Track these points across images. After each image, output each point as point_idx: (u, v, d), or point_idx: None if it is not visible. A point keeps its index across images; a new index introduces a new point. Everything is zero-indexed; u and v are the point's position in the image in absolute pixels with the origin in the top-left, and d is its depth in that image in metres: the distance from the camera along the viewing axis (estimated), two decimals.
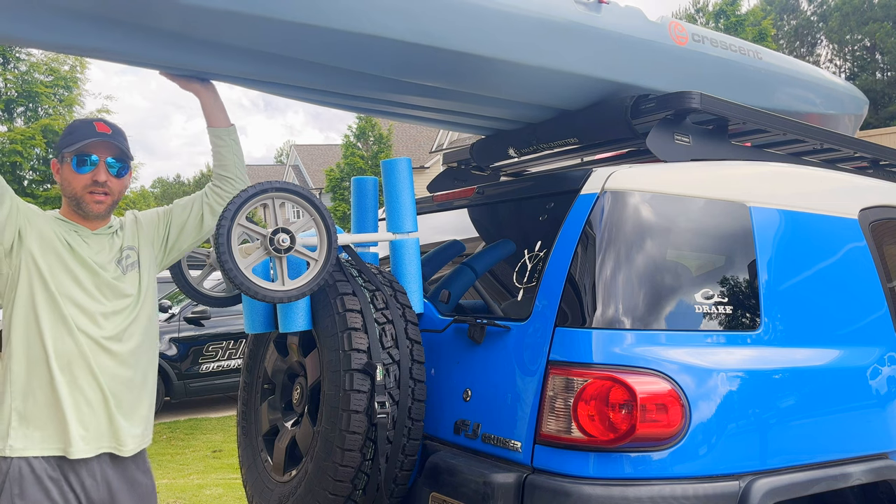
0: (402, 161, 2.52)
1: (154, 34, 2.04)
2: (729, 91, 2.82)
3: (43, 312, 2.06)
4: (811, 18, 35.96)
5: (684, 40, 2.78)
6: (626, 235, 2.13)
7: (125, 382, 2.17)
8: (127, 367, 2.17)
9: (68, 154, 2.15)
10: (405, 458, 2.21)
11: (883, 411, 2.38)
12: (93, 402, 2.10)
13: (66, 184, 2.17)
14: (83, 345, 2.09)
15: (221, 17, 1.99)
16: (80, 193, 2.15)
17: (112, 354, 2.14)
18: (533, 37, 2.38)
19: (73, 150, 2.13)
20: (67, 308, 2.09)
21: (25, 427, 2.05)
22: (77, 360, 2.09)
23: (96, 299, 2.14)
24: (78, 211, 2.18)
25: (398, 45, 2.19)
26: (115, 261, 2.22)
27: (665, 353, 2.02)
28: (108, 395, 2.12)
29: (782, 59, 3.28)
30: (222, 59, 2.23)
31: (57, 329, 2.07)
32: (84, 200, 2.15)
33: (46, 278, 2.08)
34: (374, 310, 2.24)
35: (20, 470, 2.03)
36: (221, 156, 2.41)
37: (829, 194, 2.60)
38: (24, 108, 13.67)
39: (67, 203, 2.19)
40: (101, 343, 2.12)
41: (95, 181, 2.14)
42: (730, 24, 17.88)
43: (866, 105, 3.81)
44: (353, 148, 24.12)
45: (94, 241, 2.19)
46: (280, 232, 2.10)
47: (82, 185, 2.14)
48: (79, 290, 2.12)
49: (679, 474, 1.95)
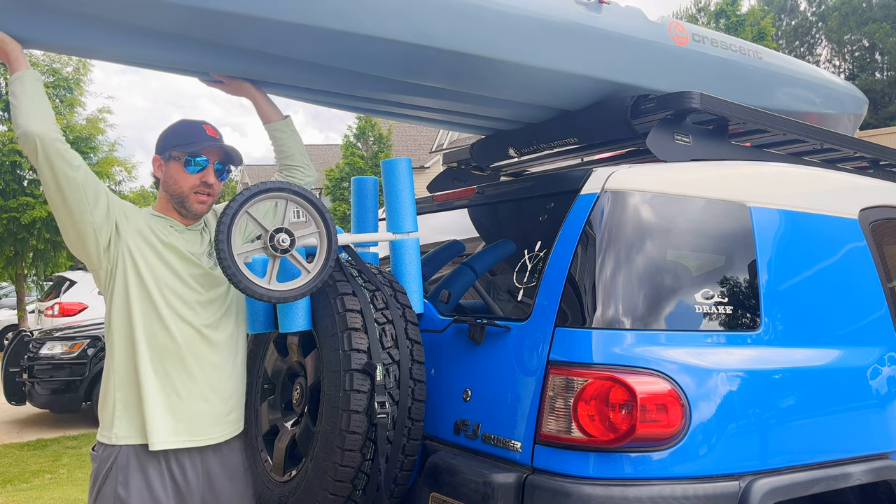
0: (402, 161, 2.52)
1: (184, 39, 2.09)
2: (729, 91, 2.82)
3: (137, 304, 2.13)
4: (810, 18, 35.97)
5: (685, 40, 2.79)
6: (627, 235, 2.13)
7: (220, 369, 2.24)
8: (222, 354, 2.25)
9: (179, 154, 2.22)
10: (405, 458, 2.21)
11: (883, 411, 2.38)
12: (183, 393, 2.16)
13: (172, 182, 2.23)
14: (179, 334, 2.16)
15: (226, 19, 1.99)
16: (187, 193, 2.23)
17: (209, 342, 2.21)
18: (534, 38, 2.38)
19: (188, 151, 2.21)
20: (164, 298, 2.15)
21: (129, 417, 2.12)
22: (170, 352, 2.15)
23: (193, 289, 2.21)
24: (179, 208, 2.26)
25: (400, 47, 2.20)
26: (207, 253, 2.29)
27: (665, 354, 2.02)
28: (203, 384, 2.19)
29: (782, 59, 3.27)
30: (221, 59, 2.24)
31: (151, 320, 2.14)
32: (189, 200, 2.24)
33: (142, 270, 2.14)
34: (374, 310, 2.24)
35: (127, 458, 2.10)
36: (285, 146, 2.48)
37: (829, 194, 2.60)
38: None
39: (168, 199, 2.26)
40: (200, 330, 2.20)
41: (204, 182, 2.24)
42: (730, 24, 17.89)
43: (866, 104, 3.81)
44: (353, 148, 24.11)
45: (189, 235, 2.27)
46: (282, 232, 2.10)
47: (190, 185, 2.23)
48: (176, 280, 2.18)
49: (679, 474, 1.95)
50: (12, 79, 2.03)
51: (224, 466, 2.26)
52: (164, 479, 2.13)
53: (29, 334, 8.06)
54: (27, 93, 2.01)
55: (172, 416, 2.14)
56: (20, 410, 8.68)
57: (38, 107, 2.02)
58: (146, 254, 2.16)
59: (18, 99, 2.00)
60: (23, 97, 2.00)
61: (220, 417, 2.24)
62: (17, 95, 2.01)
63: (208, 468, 2.22)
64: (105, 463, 2.12)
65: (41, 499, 5.25)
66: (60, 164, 2.01)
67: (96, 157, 13.75)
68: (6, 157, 12.76)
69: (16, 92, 2.01)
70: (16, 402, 7.86)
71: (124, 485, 2.09)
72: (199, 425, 2.18)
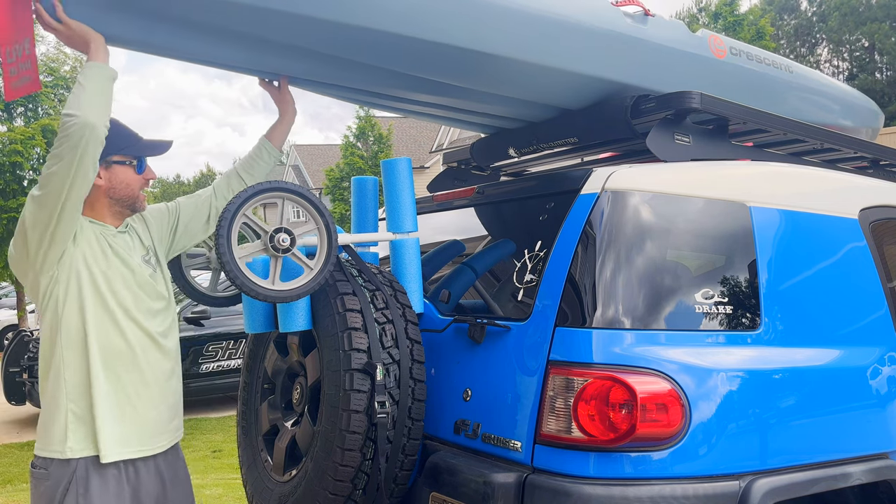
0: (402, 161, 2.52)
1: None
2: (761, 103, 2.90)
3: (91, 311, 2.11)
4: (811, 18, 35.95)
5: (723, 53, 2.88)
6: (627, 235, 2.13)
7: (169, 377, 2.26)
8: (171, 361, 2.28)
9: (126, 157, 2.22)
10: (405, 458, 2.21)
11: (883, 411, 2.38)
12: (135, 401, 2.16)
13: (122, 186, 2.22)
14: (135, 340, 2.16)
15: (256, 14, 2.03)
16: (138, 193, 2.26)
17: (161, 349, 2.23)
18: (586, 47, 2.46)
19: (134, 154, 2.23)
20: (119, 304, 2.15)
21: (83, 428, 2.10)
22: (125, 358, 2.14)
23: (140, 297, 2.21)
24: (126, 210, 2.26)
25: (458, 52, 2.27)
26: (144, 260, 2.29)
27: (665, 353, 2.02)
28: (155, 391, 2.20)
29: (809, 72, 3.42)
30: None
31: (106, 326, 2.13)
32: (139, 199, 2.27)
33: (97, 278, 2.13)
34: (375, 309, 2.24)
35: (85, 469, 2.09)
36: (256, 167, 2.54)
37: (829, 194, 2.60)
38: (24, 108, 13.67)
39: (107, 205, 2.23)
40: (153, 336, 2.21)
41: (148, 180, 2.28)
42: (728, 24, 17.87)
43: (881, 117, 3.88)
44: (353, 148, 24.09)
45: (121, 241, 2.25)
46: (282, 231, 2.10)
47: (140, 185, 2.26)
48: (125, 288, 2.18)
49: (679, 474, 1.95)
50: (89, 64, 2.00)
51: (172, 472, 2.29)
52: (123, 486, 2.14)
53: (29, 334, 8.05)
54: (98, 83, 1.99)
55: (123, 425, 2.13)
56: (20, 410, 8.68)
57: (105, 100, 2.01)
58: (100, 262, 2.15)
59: (89, 85, 1.98)
60: (93, 86, 1.98)
61: (166, 425, 2.26)
62: (90, 81, 1.98)
63: (161, 474, 2.24)
64: (62, 480, 2.08)
65: None
66: (91, 161, 2.00)
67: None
68: (6, 157, 12.75)
69: (90, 76, 1.99)
70: (16, 402, 7.86)
71: (84, 496, 2.07)
72: (148, 434, 2.19)
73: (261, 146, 2.56)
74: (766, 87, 3.05)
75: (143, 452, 2.18)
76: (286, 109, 2.57)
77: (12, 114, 13.69)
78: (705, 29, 2.96)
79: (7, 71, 2.12)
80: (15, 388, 7.79)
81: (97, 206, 2.22)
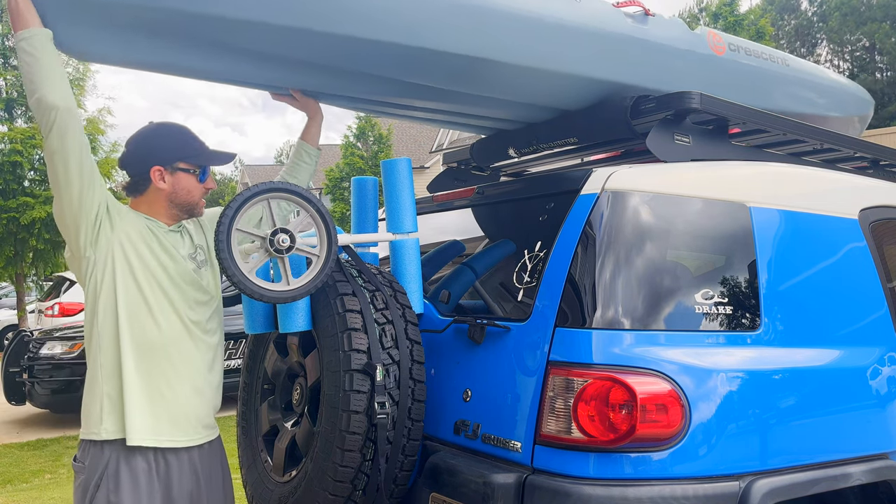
0: (402, 161, 2.52)
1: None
2: (761, 98, 2.93)
3: (123, 298, 2.14)
4: (811, 18, 35.94)
5: (722, 50, 2.90)
6: (626, 236, 2.13)
7: (206, 370, 2.27)
8: (209, 355, 2.29)
9: (191, 166, 2.27)
10: (405, 459, 2.21)
11: (883, 411, 2.38)
12: (166, 391, 2.17)
13: (184, 192, 2.27)
14: (169, 328, 2.18)
15: (266, 31, 2.05)
16: (198, 200, 2.32)
17: (197, 341, 2.24)
18: (590, 51, 2.48)
19: (199, 164, 2.28)
20: (156, 294, 2.17)
21: (116, 412, 2.13)
22: (156, 347, 2.16)
23: (182, 288, 2.23)
24: (183, 214, 2.31)
25: (467, 61, 2.28)
26: (190, 256, 2.31)
27: (665, 354, 2.02)
28: (188, 384, 2.21)
29: (805, 65, 3.43)
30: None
31: (139, 314, 2.15)
32: (198, 206, 2.33)
33: (134, 266, 2.16)
34: (374, 310, 2.24)
35: (117, 463, 2.12)
36: (299, 170, 2.60)
37: (829, 194, 2.60)
38: (24, 108, 13.65)
39: (166, 206, 2.27)
40: (189, 327, 2.23)
41: (208, 189, 2.34)
42: (728, 24, 17.86)
43: (872, 105, 3.88)
44: (353, 148, 24.09)
45: (171, 237, 2.29)
46: (279, 233, 2.10)
47: (201, 193, 2.32)
48: (167, 278, 2.21)
49: (679, 475, 1.95)
50: (20, 36, 1.94)
51: (208, 470, 2.30)
52: (153, 479, 2.14)
53: (29, 334, 8.05)
54: (41, 55, 1.95)
55: (153, 414, 2.14)
56: (20, 410, 8.68)
57: (55, 72, 1.98)
58: (141, 250, 2.18)
59: (32, 62, 1.94)
60: (36, 61, 1.94)
61: (201, 419, 2.26)
62: (33, 56, 1.93)
63: (196, 471, 2.24)
64: (94, 473, 2.12)
65: (41, 499, 5.26)
66: (73, 133, 2.01)
67: (97, 157, 13.75)
68: (7, 157, 12.75)
69: (30, 51, 1.93)
70: (16, 402, 7.85)
71: (115, 491, 2.10)
72: (181, 425, 2.20)
73: (300, 149, 2.62)
74: (763, 81, 3.07)
75: (175, 443, 2.18)
76: (312, 111, 2.63)
77: (13, 114, 13.68)
78: (703, 26, 2.97)
79: None
80: (15, 388, 7.78)
81: (156, 206, 2.28)
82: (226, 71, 2.35)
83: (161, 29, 2.02)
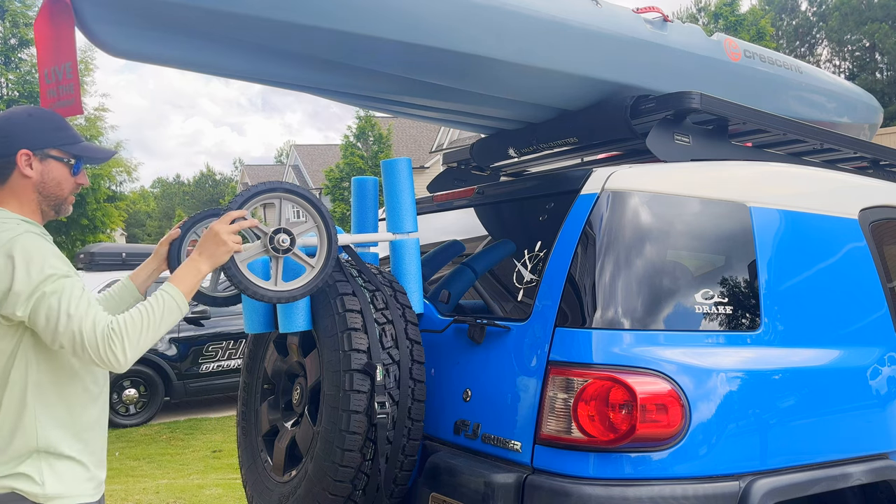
0: (402, 161, 2.52)
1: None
2: (774, 104, 2.94)
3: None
4: (811, 18, 35.95)
5: (738, 56, 2.94)
6: (626, 236, 2.13)
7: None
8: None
9: (68, 156, 1.95)
10: (405, 459, 2.21)
11: (883, 411, 2.38)
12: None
13: (53, 184, 1.93)
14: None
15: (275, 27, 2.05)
16: (67, 196, 1.98)
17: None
18: (607, 53, 2.50)
19: (73, 153, 1.95)
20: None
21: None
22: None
23: None
24: (50, 212, 1.98)
25: (486, 62, 2.29)
26: None
27: (665, 354, 2.02)
28: None
29: (817, 72, 3.47)
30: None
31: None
32: (67, 204, 1.99)
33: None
34: (374, 310, 2.24)
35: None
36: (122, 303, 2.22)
37: (829, 194, 2.60)
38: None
39: (37, 201, 1.93)
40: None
41: (80, 185, 2.02)
42: (728, 24, 17.89)
43: (881, 112, 3.93)
44: (353, 148, 24.12)
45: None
46: (281, 232, 2.10)
47: (71, 189, 1.98)
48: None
49: (679, 474, 1.95)
50: (185, 297, 1.86)
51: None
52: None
53: None
54: (167, 322, 1.83)
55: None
56: None
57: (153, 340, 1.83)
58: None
59: (179, 317, 1.85)
60: (179, 317, 1.86)
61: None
62: (181, 313, 1.85)
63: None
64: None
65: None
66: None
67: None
68: None
69: (183, 309, 1.86)
70: None
71: None
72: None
73: (135, 288, 2.24)
74: (778, 87, 3.11)
75: None
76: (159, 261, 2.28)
77: None
78: (720, 32, 3.00)
79: (45, 91, 2.02)
80: None
81: (24, 199, 1.91)
82: (225, 64, 2.34)
83: (195, 28, 2.02)
